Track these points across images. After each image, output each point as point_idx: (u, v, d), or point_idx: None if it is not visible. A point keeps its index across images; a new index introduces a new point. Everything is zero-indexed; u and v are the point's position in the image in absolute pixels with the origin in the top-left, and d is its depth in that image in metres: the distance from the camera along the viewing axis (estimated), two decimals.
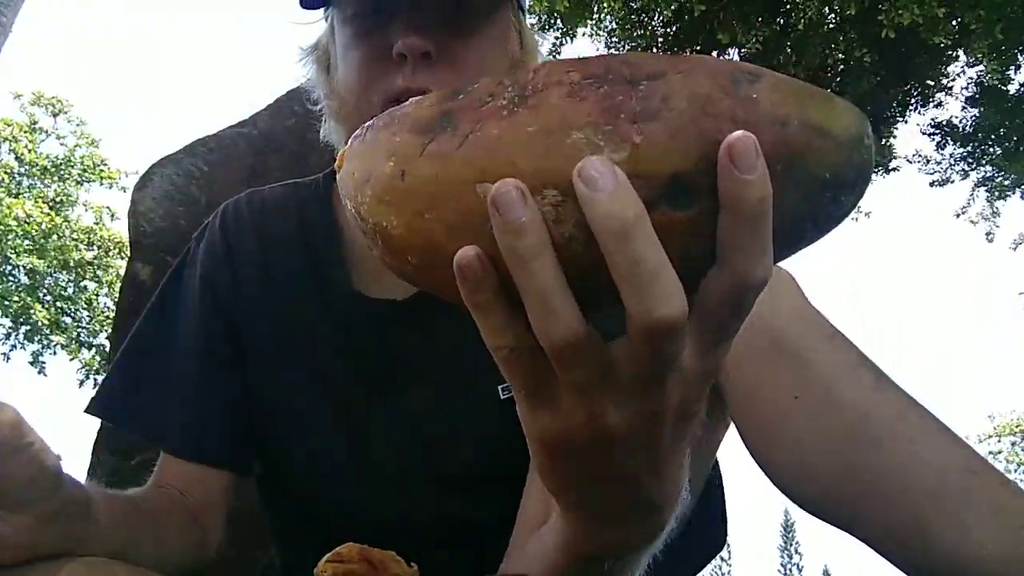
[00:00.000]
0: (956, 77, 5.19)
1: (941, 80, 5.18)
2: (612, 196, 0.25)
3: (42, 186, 11.77)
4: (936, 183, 5.67)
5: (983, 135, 5.31)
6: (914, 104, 5.35)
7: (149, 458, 0.75)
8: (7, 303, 10.57)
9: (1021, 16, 3.91)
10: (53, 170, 11.72)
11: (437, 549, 0.71)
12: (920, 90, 5.28)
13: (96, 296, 11.47)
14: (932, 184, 5.68)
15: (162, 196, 1.56)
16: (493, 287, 0.28)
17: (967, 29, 4.03)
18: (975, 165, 5.58)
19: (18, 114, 11.77)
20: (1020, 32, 4.04)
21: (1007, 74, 4.65)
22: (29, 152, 11.64)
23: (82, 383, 11.20)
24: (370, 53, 0.66)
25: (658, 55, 0.29)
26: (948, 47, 4.41)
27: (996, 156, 5.39)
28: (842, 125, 0.29)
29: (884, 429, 0.57)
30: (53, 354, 11.21)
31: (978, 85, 5.19)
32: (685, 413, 0.32)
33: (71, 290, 11.32)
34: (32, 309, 10.54)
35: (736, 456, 0.70)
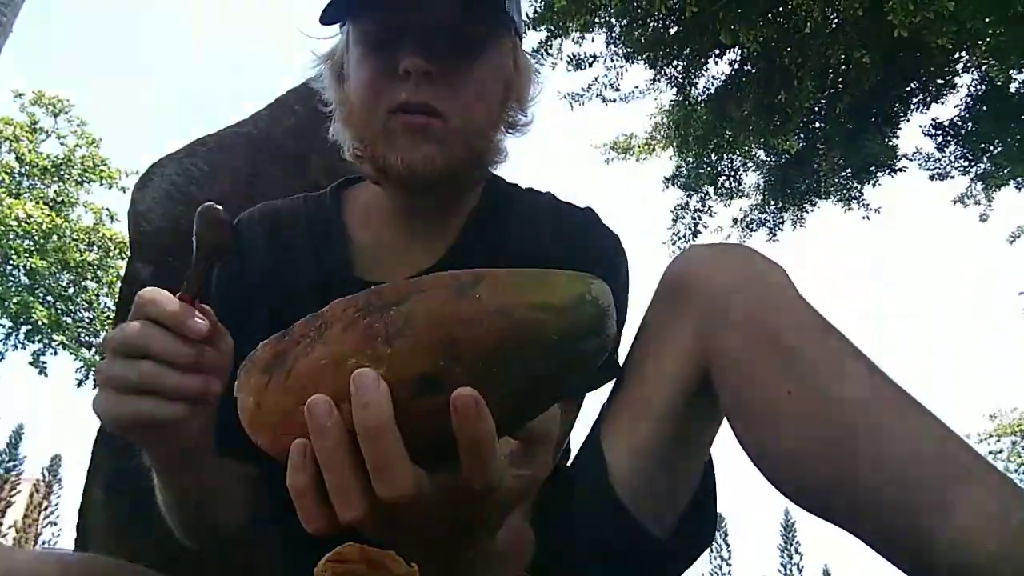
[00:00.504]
0: (958, 76, 5.18)
1: (943, 80, 5.17)
2: (368, 405, 0.36)
3: (42, 186, 11.78)
4: (935, 176, 5.67)
5: (983, 135, 5.30)
6: (916, 104, 5.35)
7: None
8: (7, 303, 10.58)
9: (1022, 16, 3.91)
10: (53, 170, 11.73)
11: None
12: (922, 91, 5.27)
13: (96, 296, 11.48)
14: (932, 178, 5.68)
15: (162, 196, 1.56)
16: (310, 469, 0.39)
17: (969, 30, 4.03)
18: (974, 162, 5.58)
19: (18, 114, 11.79)
20: (1022, 33, 4.04)
21: (1010, 74, 4.64)
22: (29, 152, 11.64)
23: (81, 383, 11.21)
24: (379, 68, 0.73)
25: (401, 283, 0.39)
26: (951, 49, 4.41)
27: (996, 154, 5.39)
28: (559, 296, 0.37)
29: (878, 423, 0.57)
30: (54, 354, 11.22)
31: (980, 86, 5.19)
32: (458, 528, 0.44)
33: (72, 290, 11.33)
34: (34, 308, 10.55)
35: (736, 456, 0.70)
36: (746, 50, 4.56)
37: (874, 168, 5.50)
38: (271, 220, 0.87)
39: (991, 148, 5.42)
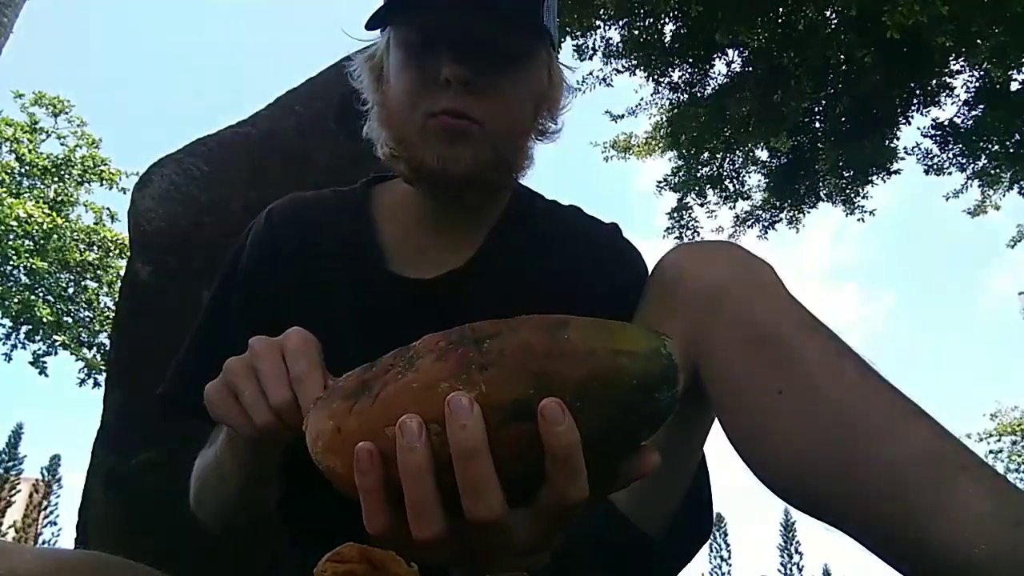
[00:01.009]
0: (956, 75, 5.18)
1: (943, 80, 5.17)
2: (466, 427, 0.36)
3: (42, 186, 11.76)
4: (931, 171, 5.67)
5: (983, 135, 5.30)
6: (916, 105, 5.34)
7: (149, 458, 0.75)
8: (7, 303, 10.58)
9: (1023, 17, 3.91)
10: (53, 170, 11.72)
11: None
12: (922, 91, 5.27)
13: (97, 296, 11.47)
14: (927, 172, 5.68)
15: (162, 196, 1.56)
16: (379, 481, 0.39)
17: (968, 30, 4.03)
18: (973, 161, 5.58)
19: (18, 114, 11.79)
20: (1022, 33, 4.04)
21: (1009, 75, 4.64)
22: (29, 152, 11.64)
23: (82, 382, 11.21)
24: (420, 75, 0.75)
25: (493, 321, 0.41)
26: (950, 49, 4.40)
27: (995, 153, 5.39)
28: (639, 344, 0.40)
29: (870, 422, 0.57)
30: (55, 354, 11.22)
31: (980, 86, 5.18)
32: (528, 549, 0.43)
33: (72, 290, 11.33)
34: (34, 308, 10.54)
35: (735, 455, 0.70)
36: (746, 50, 4.56)
37: (874, 168, 5.51)
38: (302, 211, 0.88)
39: (991, 148, 5.42)
